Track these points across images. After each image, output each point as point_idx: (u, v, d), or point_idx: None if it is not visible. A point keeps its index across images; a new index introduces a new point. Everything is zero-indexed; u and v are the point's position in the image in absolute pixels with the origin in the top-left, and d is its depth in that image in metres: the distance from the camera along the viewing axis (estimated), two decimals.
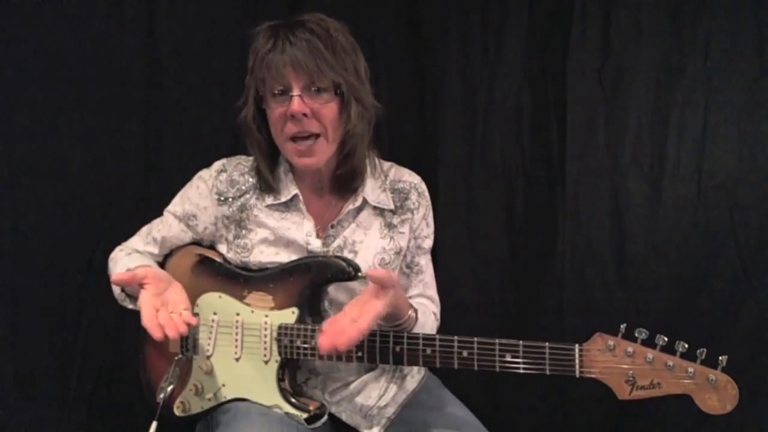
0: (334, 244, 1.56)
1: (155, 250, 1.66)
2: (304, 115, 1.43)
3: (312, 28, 1.45)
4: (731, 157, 2.16)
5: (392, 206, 1.60)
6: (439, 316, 1.69)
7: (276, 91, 1.45)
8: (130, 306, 1.64)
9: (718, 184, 2.17)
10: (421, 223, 1.64)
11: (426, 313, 1.61)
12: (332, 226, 1.56)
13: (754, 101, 2.14)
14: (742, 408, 1.31)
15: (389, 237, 1.59)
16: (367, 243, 1.57)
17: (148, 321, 1.35)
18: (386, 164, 1.67)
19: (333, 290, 1.55)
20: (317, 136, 1.47)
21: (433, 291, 1.70)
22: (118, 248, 1.72)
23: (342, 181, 1.57)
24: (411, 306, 1.49)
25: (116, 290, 1.63)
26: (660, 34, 2.18)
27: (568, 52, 2.21)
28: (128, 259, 1.63)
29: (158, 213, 1.68)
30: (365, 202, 1.58)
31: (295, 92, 1.43)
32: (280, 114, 1.46)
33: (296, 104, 1.42)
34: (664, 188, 2.19)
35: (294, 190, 1.56)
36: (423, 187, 1.66)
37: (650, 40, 2.19)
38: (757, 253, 2.14)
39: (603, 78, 2.21)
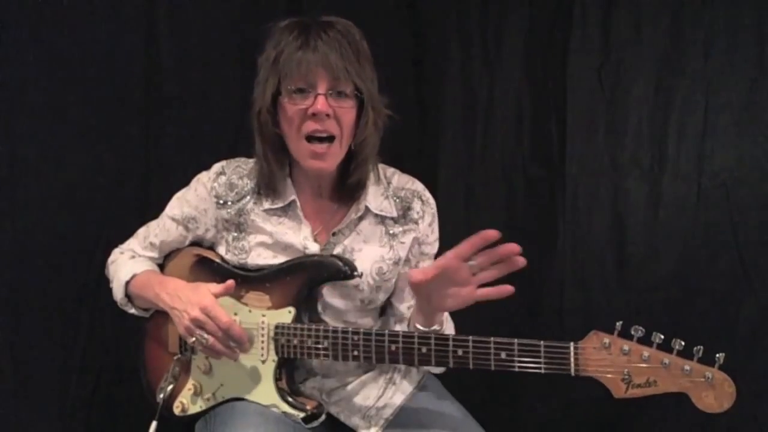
0: (334, 252, 1.55)
1: (154, 255, 1.67)
2: (327, 115, 1.43)
3: (342, 31, 1.45)
4: (731, 157, 2.16)
5: (395, 213, 1.59)
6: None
7: (296, 87, 1.44)
8: (132, 311, 1.65)
9: (718, 184, 2.16)
10: (426, 231, 1.63)
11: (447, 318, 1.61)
12: (333, 234, 1.56)
13: (754, 101, 2.14)
14: (742, 408, 1.31)
15: (389, 246, 1.58)
16: (366, 251, 1.56)
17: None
18: (389, 170, 1.66)
19: (327, 293, 1.54)
20: (333, 138, 1.46)
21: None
22: (117, 250, 1.72)
23: (346, 190, 1.57)
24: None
25: (118, 295, 1.63)
26: (660, 34, 2.18)
27: (568, 52, 2.21)
28: (132, 263, 1.64)
29: (158, 213, 1.68)
30: (367, 210, 1.57)
31: (321, 91, 1.42)
32: (298, 111, 1.44)
33: (321, 103, 1.42)
34: (664, 188, 2.19)
35: (291, 196, 1.55)
36: (427, 194, 1.65)
37: (650, 40, 2.18)
38: (757, 253, 2.14)
39: (603, 78, 2.21)
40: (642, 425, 2.20)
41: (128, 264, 1.63)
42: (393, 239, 1.58)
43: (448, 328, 1.53)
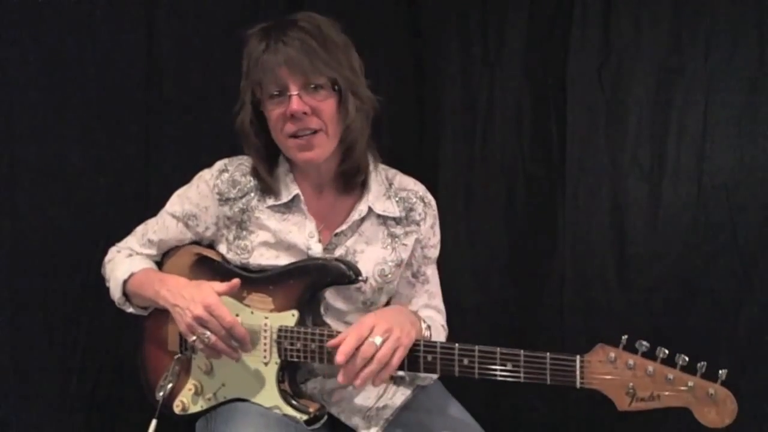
0: (336, 253, 1.56)
1: (152, 252, 1.67)
2: (304, 113, 1.44)
3: (303, 26, 1.46)
4: (731, 157, 2.15)
5: (398, 213, 1.60)
6: (446, 326, 1.70)
7: (273, 93, 1.46)
8: (130, 310, 1.64)
9: (718, 184, 2.16)
10: (428, 233, 1.64)
11: (437, 328, 1.62)
12: (336, 235, 1.56)
13: (754, 101, 2.14)
14: (743, 408, 1.31)
15: (391, 248, 1.59)
16: (368, 253, 1.57)
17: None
18: (390, 171, 1.67)
19: (330, 296, 1.55)
20: (317, 131, 1.47)
21: (438, 301, 1.71)
22: (114, 249, 1.71)
23: (345, 178, 1.58)
24: (424, 325, 1.50)
25: (116, 294, 1.63)
26: (660, 34, 2.18)
27: (568, 52, 2.21)
28: (130, 262, 1.63)
29: (158, 213, 1.68)
30: (370, 211, 1.58)
31: (293, 92, 1.43)
32: (279, 114, 1.46)
33: (295, 103, 1.43)
34: (664, 188, 2.19)
35: (295, 191, 1.56)
36: (429, 196, 1.66)
37: (650, 40, 2.18)
38: (757, 253, 2.14)
39: (603, 78, 2.21)
40: (642, 425, 2.20)
41: (125, 262, 1.63)
42: (395, 241, 1.59)
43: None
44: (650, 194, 2.20)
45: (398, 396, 1.60)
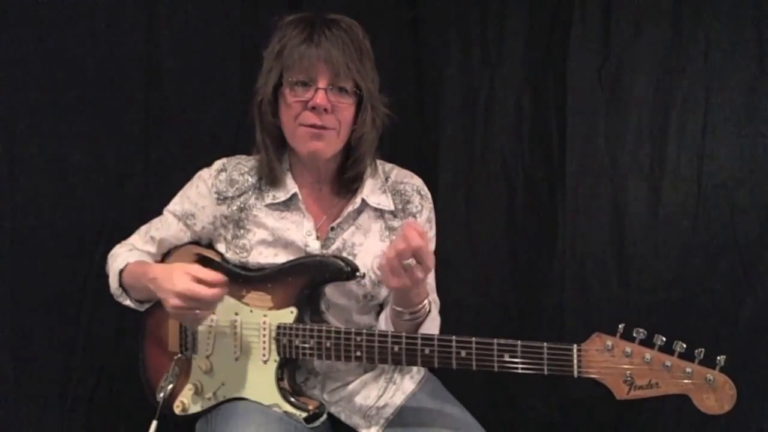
0: (333, 247, 1.56)
1: (153, 249, 1.67)
2: (325, 109, 1.45)
3: (345, 29, 1.49)
4: (731, 157, 2.15)
5: (392, 207, 1.60)
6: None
7: (297, 80, 1.47)
8: (126, 302, 1.64)
9: (718, 184, 2.16)
10: (424, 227, 1.64)
11: (434, 315, 1.61)
12: (332, 229, 1.57)
13: (754, 101, 2.14)
14: (743, 407, 1.31)
15: (389, 240, 1.59)
16: (366, 246, 1.57)
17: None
18: (388, 165, 1.68)
19: (330, 292, 1.55)
20: (330, 128, 1.49)
21: (434, 294, 1.71)
22: (118, 245, 1.72)
23: (344, 183, 1.59)
24: (428, 295, 1.49)
25: (113, 285, 1.63)
26: (660, 34, 2.18)
27: (568, 52, 2.20)
28: (129, 254, 1.64)
29: (158, 213, 1.69)
30: (365, 203, 1.58)
31: (321, 85, 1.45)
32: (299, 102, 1.47)
33: (320, 97, 1.45)
34: (664, 188, 2.18)
35: (293, 189, 1.57)
36: (425, 190, 1.67)
37: (650, 40, 2.18)
38: (757, 253, 2.14)
39: (603, 78, 2.21)
40: (642, 425, 2.21)
41: (124, 255, 1.64)
42: (393, 233, 1.59)
43: (429, 324, 1.52)
44: (650, 194, 2.20)
45: (398, 395, 1.61)
